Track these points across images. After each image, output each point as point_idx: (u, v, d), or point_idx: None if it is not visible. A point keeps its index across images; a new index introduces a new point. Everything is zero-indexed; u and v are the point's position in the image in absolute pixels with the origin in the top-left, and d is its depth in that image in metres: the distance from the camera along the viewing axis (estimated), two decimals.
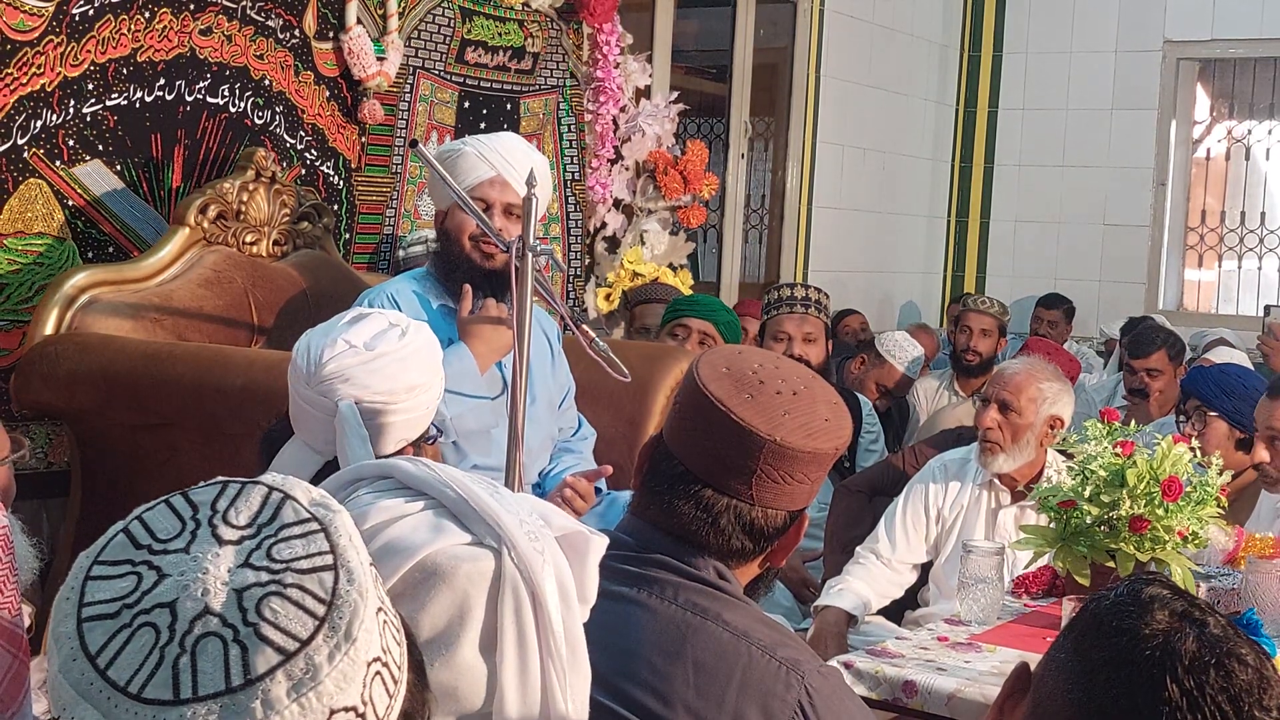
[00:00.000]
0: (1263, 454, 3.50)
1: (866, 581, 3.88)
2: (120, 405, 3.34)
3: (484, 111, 4.88)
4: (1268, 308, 6.85)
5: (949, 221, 7.98)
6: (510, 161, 3.40)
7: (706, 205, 5.88)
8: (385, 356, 2.24)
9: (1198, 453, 3.21)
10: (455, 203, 3.21)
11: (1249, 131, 7.72)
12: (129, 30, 3.73)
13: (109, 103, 3.70)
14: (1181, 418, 4.11)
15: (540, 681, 1.27)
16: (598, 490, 3.48)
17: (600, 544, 1.37)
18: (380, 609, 0.92)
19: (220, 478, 0.94)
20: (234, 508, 0.90)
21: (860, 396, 5.17)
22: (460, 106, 4.79)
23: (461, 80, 4.79)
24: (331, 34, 4.29)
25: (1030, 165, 7.79)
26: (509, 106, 4.99)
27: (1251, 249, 7.66)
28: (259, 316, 3.79)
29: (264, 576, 0.87)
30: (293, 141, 4.21)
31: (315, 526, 0.91)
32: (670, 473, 1.73)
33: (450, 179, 3.01)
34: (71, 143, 3.63)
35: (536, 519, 1.32)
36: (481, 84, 4.87)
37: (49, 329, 3.43)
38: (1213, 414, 3.94)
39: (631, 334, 5.13)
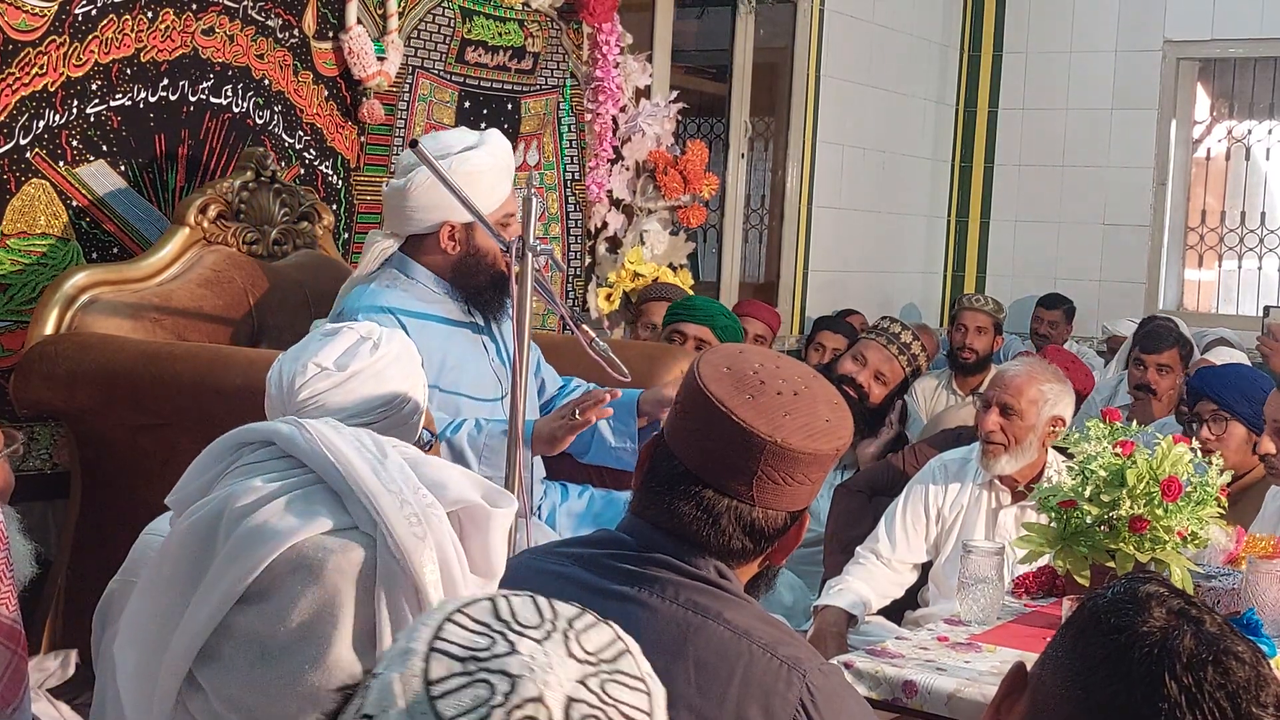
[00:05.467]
0: (1269, 445, 3.50)
1: (866, 581, 3.89)
2: (120, 405, 3.34)
3: (484, 111, 4.88)
4: (1268, 308, 6.84)
5: (949, 221, 7.98)
6: (513, 167, 3.41)
7: (706, 205, 5.88)
8: (359, 375, 2.15)
9: (1198, 453, 3.21)
10: (478, 221, 3.14)
11: (1249, 131, 7.72)
12: (132, 30, 3.73)
13: (113, 103, 3.71)
14: (1194, 420, 4.06)
15: None
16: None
17: (503, 517, 1.31)
18: None
19: (577, 604, 1.01)
20: (586, 634, 0.98)
21: None
22: (460, 106, 4.80)
23: (461, 80, 4.80)
24: (330, 34, 4.30)
25: (1030, 165, 7.79)
26: (509, 106, 4.99)
27: (1251, 249, 7.66)
28: (259, 316, 3.80)
29: (594, 701, 0.94)
30: (291, 141, 4.21)
31: (643, 689, 0.99)
32: (670, 473, 1.73)
33: (455, 183, 2.99)
34: (75, 143, 3.63)
35: (424, 495, 1.27)
36: (481, 84, 4.88)
37: (49, 329, 3.43)
38: (1231, 418, 3.92)
39: (638, 330, 5.15)
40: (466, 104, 4.82)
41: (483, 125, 4.81)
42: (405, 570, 1.21)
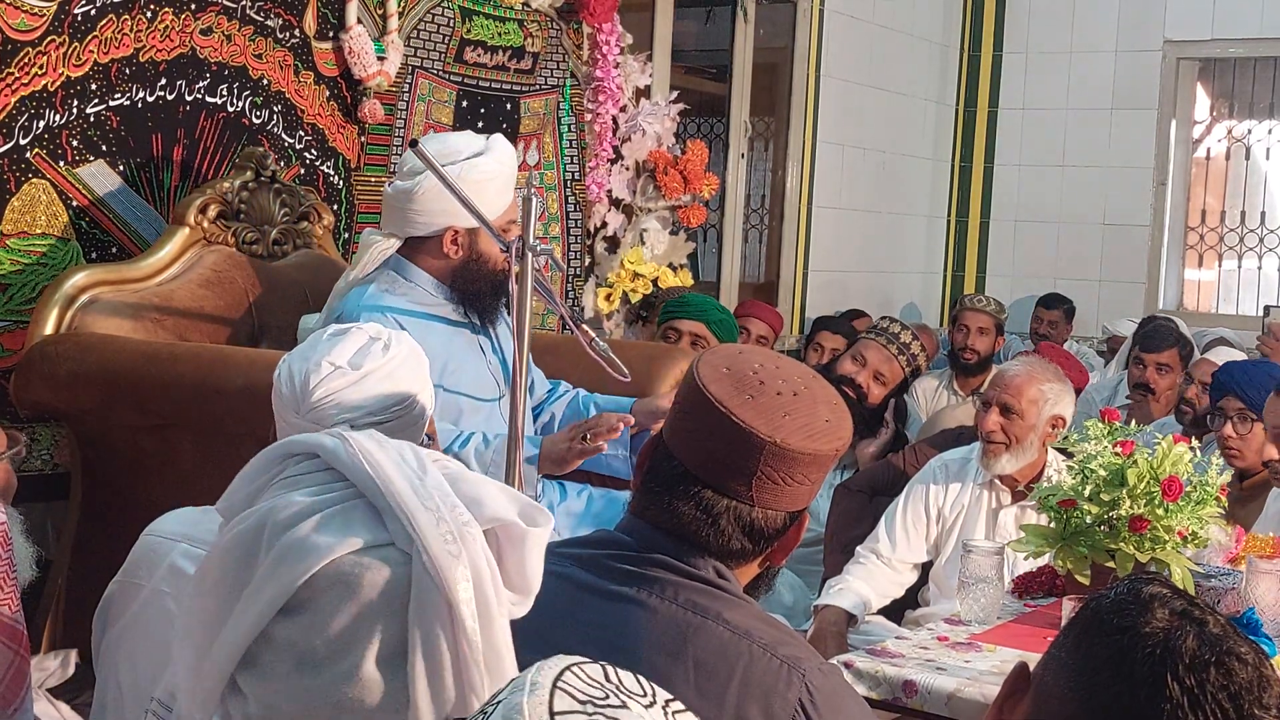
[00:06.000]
0: (1273, 451, 3.49)
1: (867, 581, 3.89)
2: (121, 405, 3.34)
3: (483, 111, 4.88)
4: (1268, 308, 6.85)
5: (949, 221, 7.98)
6: (516, 172, 3.39)
7: (706, 205, 5.88)
8: (373, 375, 2.17)
9: (1197, 452, 3.21)
10: (482, 227, 3.12)
11: (1249, 131, 7.72)
12: (131, 30, 3.73)
13: (112, 103, 3.71)
14: (1216, 415, 4.03)
15: (455, 691, 1.23)
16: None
17: (539, 535, 1.31)
18: None
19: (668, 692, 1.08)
20: (680, 715, 1.04)
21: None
22: (459, 106, 4.80)
23: (460, 80, 4.79)
24: (331, 34, 4.30)
25: (1030, 165, 7.79)
26: (509, 106, 4.99)
27: (1251, 249, 7.66)
28: (259, 316, 3.80)
29: None
30: (291, 141, 4.21)
31: None
32: (670, 473, 1.73)
33: (461, 189, 2.98)
34: (75, 143, 3.63)
35: (461, 511, 1.27)
36: (481, 84, 4.88)
37: (49, 329, 3.43)
38: (1256, 419, 3.89)
39: (657, 330, 5.16)
40: (465, 104, 4.82)
41: (481, 125, 4.81)
42: (439, 588, 1.22)
